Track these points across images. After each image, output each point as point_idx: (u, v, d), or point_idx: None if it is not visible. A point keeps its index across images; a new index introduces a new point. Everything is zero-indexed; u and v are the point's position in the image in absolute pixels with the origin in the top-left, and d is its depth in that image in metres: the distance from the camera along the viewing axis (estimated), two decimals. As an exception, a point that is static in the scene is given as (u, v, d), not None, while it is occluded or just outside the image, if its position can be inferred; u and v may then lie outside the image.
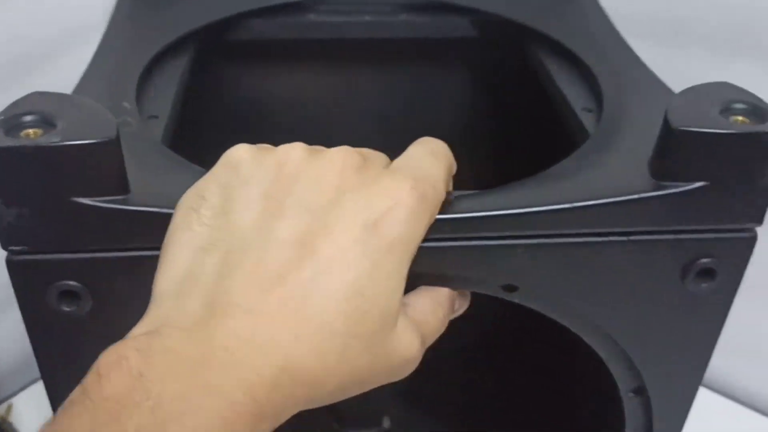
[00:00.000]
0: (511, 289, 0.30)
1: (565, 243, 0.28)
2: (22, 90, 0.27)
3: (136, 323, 0.27)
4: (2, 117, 0.25)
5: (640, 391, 0.34)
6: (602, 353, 0.33)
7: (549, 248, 0.28)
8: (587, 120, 0.36)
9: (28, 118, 0.25)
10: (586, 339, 0.32)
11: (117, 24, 0.41)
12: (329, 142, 0.27)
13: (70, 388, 0.29)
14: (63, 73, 0.36)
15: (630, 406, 0.35)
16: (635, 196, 0.28)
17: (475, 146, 0.34)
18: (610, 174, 0.29)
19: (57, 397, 0.30)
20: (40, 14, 0.48)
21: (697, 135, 0.26)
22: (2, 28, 0.47)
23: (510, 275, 0.29)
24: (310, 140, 0.27)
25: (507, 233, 0.28)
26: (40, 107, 0.25)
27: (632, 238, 0.29)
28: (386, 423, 0.52)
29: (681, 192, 0.28)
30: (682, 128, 0.26)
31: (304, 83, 0.48)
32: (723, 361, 0.46)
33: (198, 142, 0.36)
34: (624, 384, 0.34)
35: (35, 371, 0.30)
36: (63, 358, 0.29)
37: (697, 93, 0.28)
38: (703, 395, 0.35)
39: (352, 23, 0.46)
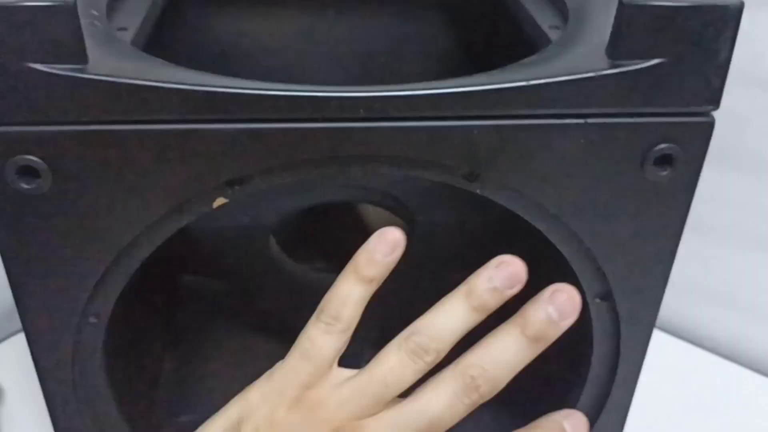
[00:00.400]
0: (472, 177, 0.30)
1: (521, 125, 0.29)
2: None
3: (98, 204, 0.28)
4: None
5: (606, 296, 0.34)
6: (566, 253, 0.33)
7: (506, 130, 0.29)
8: (554, 35, 0.36)
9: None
10: (549, 235, 0.32)
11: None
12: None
13: (32, 274, 0.30)
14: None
15: (597, 312, 0.35)
16: (590, 74, 0.28)
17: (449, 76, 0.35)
18: (567, 60, 0.29)
19: (18, 284, 0.30)
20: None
21: (650, 9, 0.27)
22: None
23: (469, 160, 0.29)
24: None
25: (461, 113, 0.28)
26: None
27: (589, 120, 0.29)
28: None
29: (636, 70, 0.28)
30: (635, 2, 0.27)
31: (281, 23, 0.49)
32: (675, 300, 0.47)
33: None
34: (590, 289, 0.34)
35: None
36: (22, 240, 0.29)
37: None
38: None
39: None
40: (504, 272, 0.29)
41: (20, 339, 0.54)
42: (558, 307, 0.28)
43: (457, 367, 0.29)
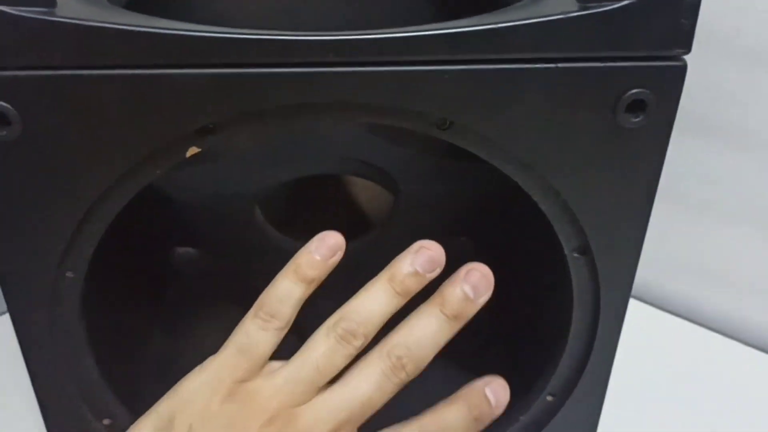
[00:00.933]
0: (443, 125, 0.30)
1: (492, 69, 0.29)
2: None
3: (70, 152, 0.28)
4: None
5: (584, 250, 0.34)
6: (542, 205, 0.33)
7: (477, 75, 0.29)
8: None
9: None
10: (524, 186, 0.32)
11: None
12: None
13: (5, 225, 0.30)
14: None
15: (575, 268, 0.35)
16: (559, 17, 0.28)
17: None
18: (538, 7, 0.29)
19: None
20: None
21: (616, -53, 0.27)
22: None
23: (440, 107, 0.29)
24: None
25: (432, 57, 0.28)
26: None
27: (560, 65, 0.29)
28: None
29: (605, 11, 0.28)
30: (602, -60, 0.27)
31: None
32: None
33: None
34: (568, 243, 0.34)
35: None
36: (6, 199, 0.29)
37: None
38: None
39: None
40: (424, 256, 0.31)
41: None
42: (473, 285, 0.31)
43: (383, 348, 0.31)
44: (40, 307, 0.33)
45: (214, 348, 0.40)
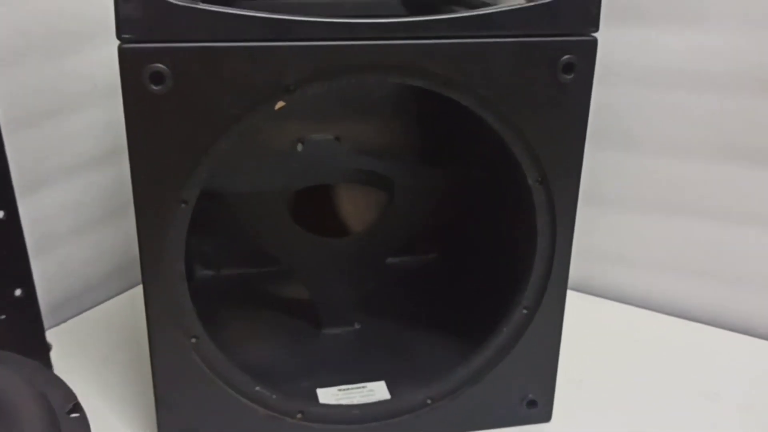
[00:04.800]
0: (449, 83, 0.45)
1: (480, 43, 0.44)
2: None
3: (201, 101, 0.41)
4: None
5: (543, 179, 0.49)
6: (510, 143, 0.47)
7: (473, 47, 0.44)
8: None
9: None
10: (499, 129, 0.47)
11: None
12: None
13: (147, 160, 0.42)
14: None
15: (537, 194, 0.49)
16: (517, 7, 0.44)
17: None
18: (502, 4, 0.46)
19: (136, 166, 0.43)
20: None
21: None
22: None
23: (445, 67, 0.44)
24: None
25: (436, 35, 0.44)
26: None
27: (518, 39, 0.45)
28: (357, 325, 0.63)
29: (545, 3, 0.44)
30: (538, -41, 0.44)
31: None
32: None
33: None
34: (530, 173, 0.49)
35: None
36: (147, 131, 0.42)
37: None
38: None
39: None
40: None
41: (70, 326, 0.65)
42: None
43: None
44: (161, 232, 0.44)
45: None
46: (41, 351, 0.57)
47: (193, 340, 0.48)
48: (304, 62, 0.43)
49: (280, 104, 0.44)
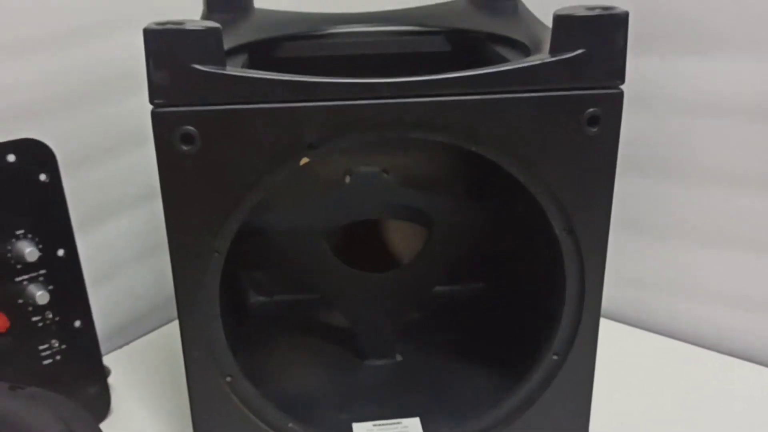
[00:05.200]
0: (470, 137, 0.45)
1: (500, 99, 0.45)
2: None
3: (228, 159, 0.43)
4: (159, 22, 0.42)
5: (570, 230, 0.49)
6: (538, 195, 0.47)
7: (493, 103, 0.45)
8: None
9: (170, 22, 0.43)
10: (525, 181, 0.47)
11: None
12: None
13: (182, 214, 0.45)
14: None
15: (565, 244, 0.49)
16: (537, 62, 0.44)
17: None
18: (528, 60, 0.46)
19: (171, 220, 0.45)
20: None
21: (569, 17, 0.44)
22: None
23: (469, 123, 0.45)
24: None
25: (459, 91, 0.44)
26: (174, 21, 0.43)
27: (540, 94, 0.45)
28: (399, 357, 0.65)
29: (568, 58, 0.44)
30: (560, 14, 0.44)
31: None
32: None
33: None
34: (557, 223, 0.48)
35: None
36: (178, 188, 0.44)
37: (577, 6, 0.46)
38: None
39: (359, 44, 0.64)
40: None
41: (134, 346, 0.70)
42: None
43: None
44: (196, 281, 0.47)
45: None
46: (99, 376, 0.61)
47: (228, 379, 0.50)
48: (326, 121, 0.44)
49: (304, 160, 0.45)
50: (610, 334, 0.55)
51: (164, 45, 0.42)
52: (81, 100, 0.66)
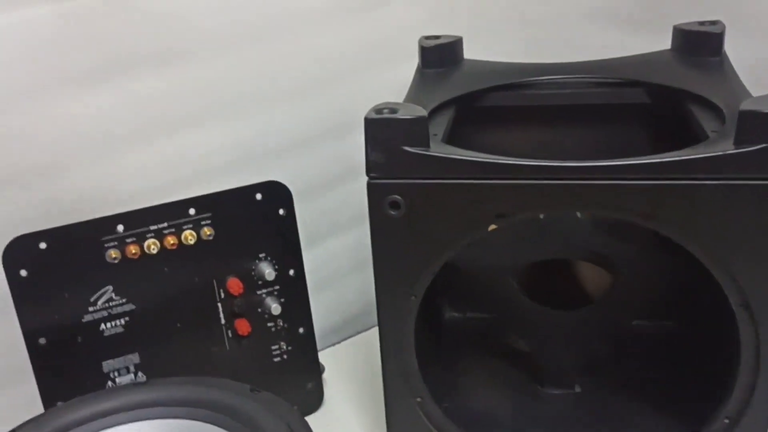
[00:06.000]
0: (649, 218, 0.49)
1: (677, 185, 0.48)
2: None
3: (429, 223, 0.50)
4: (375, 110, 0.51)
5: (746, 305, 0.50)
6: (717, 276, 0.50)
7: (674, 188, 0.48)
8: (713, 136, 0.55)
9: (386, 108, 0.51)
10: (703, 260, 0.50)
11: (415, 85, 0.67)
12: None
13: (388, 268, 0.53)
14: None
15: (740, 318, 0.51)
16: (721, 153, 0.47)
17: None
18: (714, 147, 0.48)
19: (379, 274, 0.54)
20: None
21: (754, 113, 0.46)
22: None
23: (648, 208, 0.49)
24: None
25: (636, 176, 0.48)
26: (390, 105, 0.51)
27: (723, 182, 0.47)
28: (577, 388, 0.69)
29: (752, 150, 0.46)
30: (745, 109, 0.46)
31: (522, 134, 0.71)
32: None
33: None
34: (733, 297, 0.50)
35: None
36: (386, 245, 0.53)
37: (762, 97, 0.47)
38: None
39: (559, 95, 0.69)
40: None
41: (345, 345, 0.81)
42: None
43: None
44: (396, 318, 0.56)
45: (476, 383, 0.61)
46: (316, 373, 0.73)
47: (419, 400, 0.59)
48: (515, 197, 0.50)
49: (492, 227, 0.52)
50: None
51: (380, 130, 0.50)
52: (312, 142, 0.77)
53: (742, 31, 0.69)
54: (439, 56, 0.69)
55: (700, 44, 0.65)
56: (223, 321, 0.66)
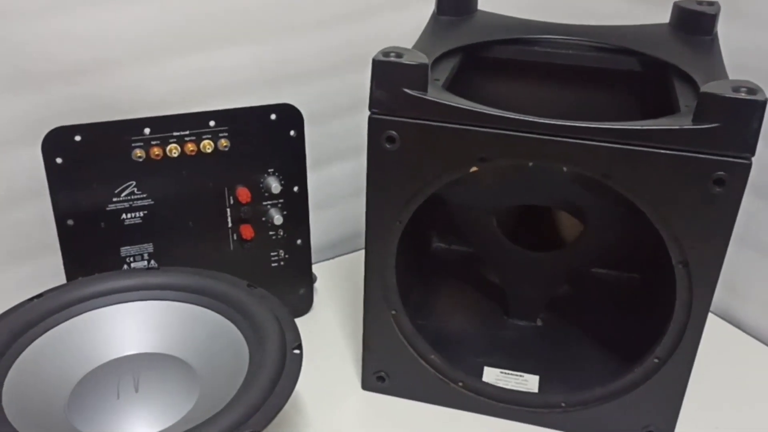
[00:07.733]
0: (607, 176, 0.56)
1: (639, 151, 0.54)
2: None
3: (418, 157, 0.57)
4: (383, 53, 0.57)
5: (685, 264, 0.58)
6: (663, 234, 0.57)
7: (631, 153, 0.54)
8: (684, 110, 0.60)
9: (393, 52, 0.57)
10: (655, 222, 0.56)
11: (428, 30, 0.72)
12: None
13: (379, 195, 0.60)
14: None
15: (679, 274, 0.58)
16: (677, 127, 0.53)
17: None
18: (675, 121, 0.54)
19: (370, 201, 0.61)
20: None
21: (712, 96, 0.51)
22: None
23: (606, 166, 0.55)
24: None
25: (602, 139, 0.54)
26: (397, 50, 0.57)
27: (678, 153, 0.53)
28: (539, 321, 0.77)
29: (704, 128, 0.52)
30: (706, 91, 0.52)
31: (518, 87, 0.77)
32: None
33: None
34: (675, 258, 0.58)
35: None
36: (380, 177, 0.60)
37: (726, 81, 0.53)
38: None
39: (558, 54, 0.74)
40: None
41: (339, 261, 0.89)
42: None
43: None
44: (381, 239, 0.63)
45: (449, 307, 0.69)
46: (308, 281, 0.81)
47: (393, 312, 0.67)
48: (495, 145, 0.57)
49: (474, 168, 0.59)
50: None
51: (385, 72, 0.57)
52: (328, 73, 0.84)
53: (736, 16, 0.74)
54: (454, 5, 0.74)
55: (694, 23, 0.70)
56: (230, 224, 0.74)
